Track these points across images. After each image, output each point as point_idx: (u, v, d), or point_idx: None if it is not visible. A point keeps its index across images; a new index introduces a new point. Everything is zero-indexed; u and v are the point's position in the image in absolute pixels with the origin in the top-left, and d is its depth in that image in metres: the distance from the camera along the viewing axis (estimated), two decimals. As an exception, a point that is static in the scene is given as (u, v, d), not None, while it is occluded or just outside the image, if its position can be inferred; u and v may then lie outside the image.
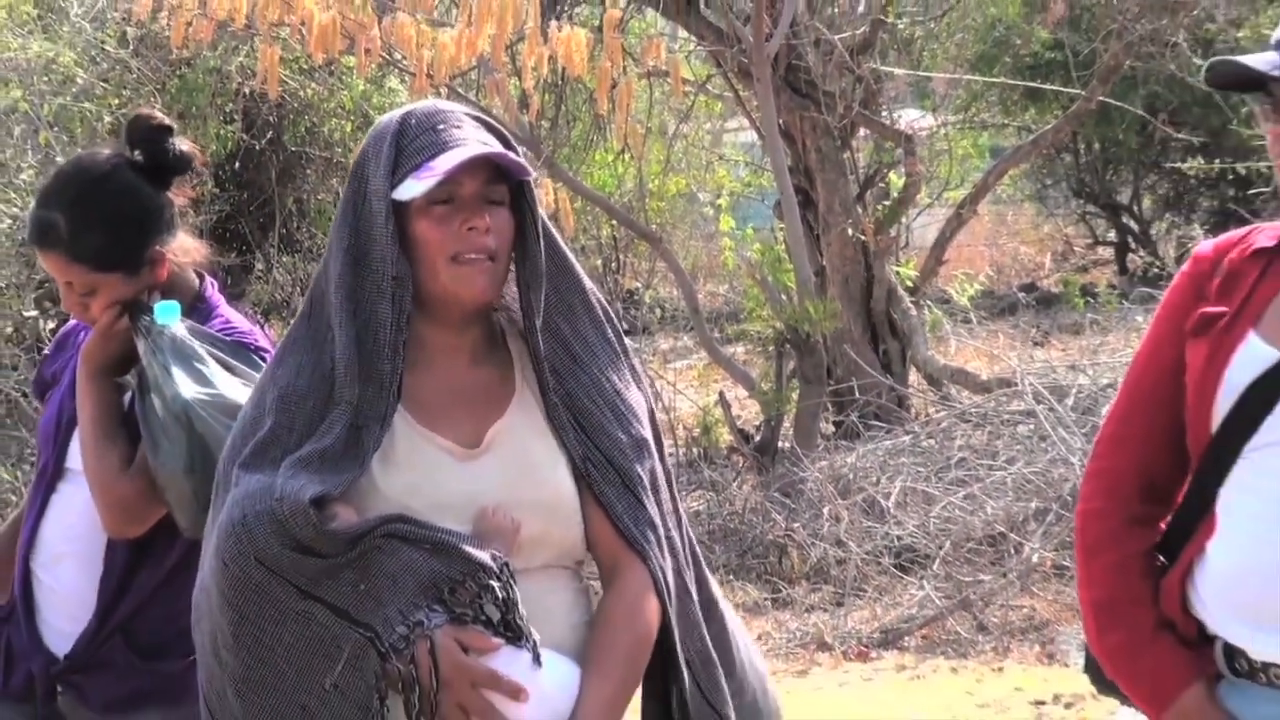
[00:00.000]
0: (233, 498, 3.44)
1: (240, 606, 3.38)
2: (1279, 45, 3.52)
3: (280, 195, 16.18)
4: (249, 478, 3.43)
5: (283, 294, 16.86)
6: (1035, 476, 11.42)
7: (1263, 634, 3.49)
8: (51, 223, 4.42)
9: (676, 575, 3.61)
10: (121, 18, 13.51)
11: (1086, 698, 8.83)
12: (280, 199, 16.17)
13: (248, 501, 3.39)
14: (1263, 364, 3.49)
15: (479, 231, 3.49)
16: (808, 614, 10.71)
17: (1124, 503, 3.73)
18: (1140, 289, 17.12)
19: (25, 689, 4.55)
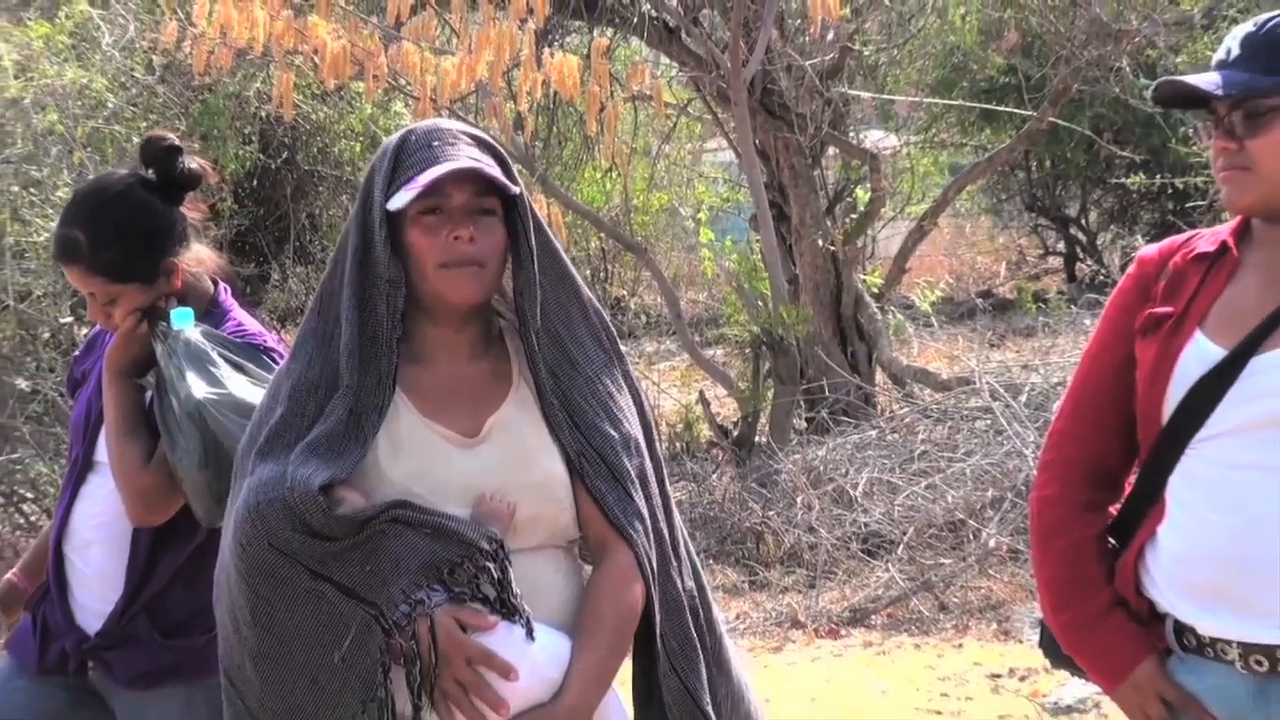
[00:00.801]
0: (248, 485, 3.46)
1: (255, 586, 3.39)
2: (1219, 66, 3.53)
3: (294, 211, 16.22)
4: (263, 465, 3.44)
5: (297, 301, 16.90)
6: (992, 468, 11.42)
7: (1210, 612, 3.50)
8: (73, 239, 4.46)
9: (661, 563, 3.60)
10: (149, 47, 13.52)
11: (1039, 671, 8.82)
12: (294, 214, 16.21)
13: (261, 489, 3.40)
14: (1209, 361, 3.50)
15: (463, 240, 3.49)
16: (782, 595, 10.70)
17: (1076, 490, 3.74)
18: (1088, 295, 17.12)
19: (59, 664, 4.57)
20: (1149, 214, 22.44)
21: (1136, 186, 19.78)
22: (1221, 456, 3.48)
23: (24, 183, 12.26)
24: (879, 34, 16.38)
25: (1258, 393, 3.45)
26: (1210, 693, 3.54)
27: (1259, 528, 3.42)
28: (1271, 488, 3.41)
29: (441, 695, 3.34)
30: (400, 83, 12.06)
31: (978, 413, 12.29)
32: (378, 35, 11.84)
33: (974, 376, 13.14)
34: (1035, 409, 11.80)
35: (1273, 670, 3.44)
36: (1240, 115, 3.46)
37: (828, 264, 14.13)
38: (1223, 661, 3.51)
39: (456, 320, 3.59)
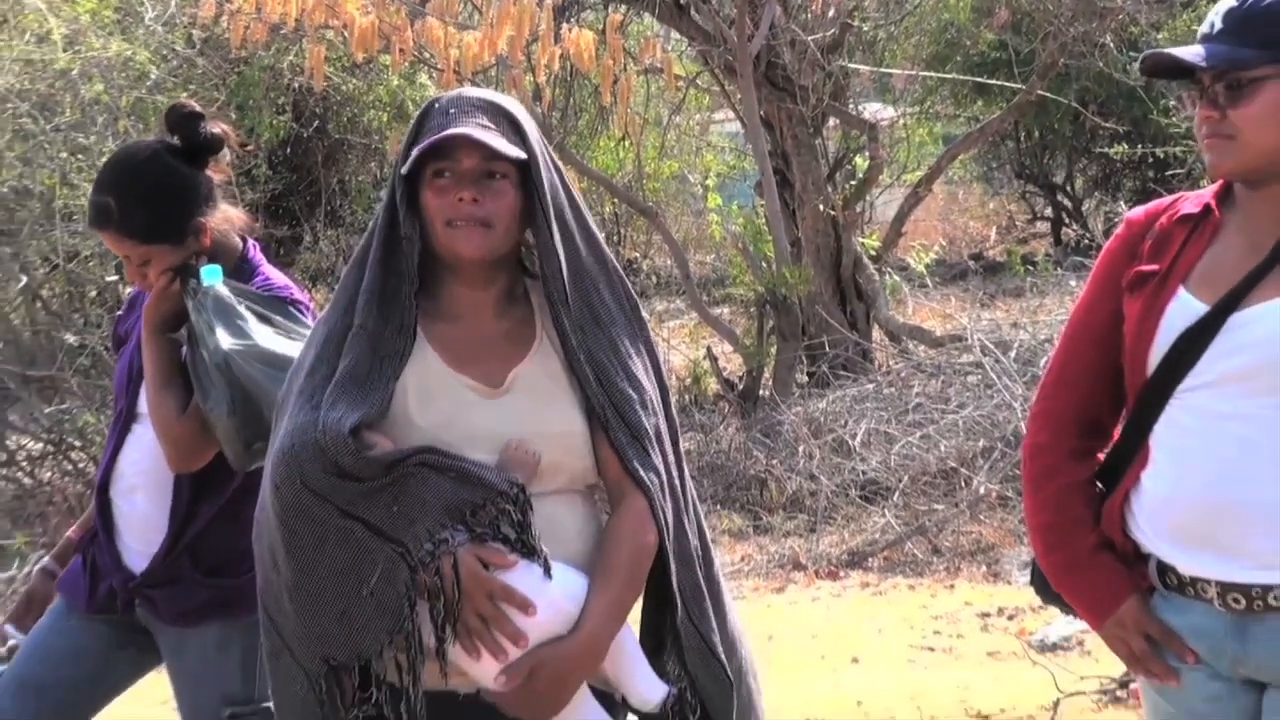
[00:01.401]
0: (284, 428, 3.47)
1: (290, 524, 3.39)
2: (1203, 40, 3.52)
3: (325, 177, 16.23)
4: (298, 409, 3.45)
5: (328, 262, 16.90)
6: (982, 419, 11.43)
7: (1190, 553, 3.51)
8: (105, 206, 4.47)
9: (675, 516, 3.60)
10: (189, 21, 13.51)
11: (1027, 611, 8.83)
12: (325, 180, 16.22)
13: (296, 433, 3.41)
14: (1192, 316, 3.50)
15: (466, 202, 3.48)
16: (785, 539, 10.71)
17: (1065, 437, 3.73)
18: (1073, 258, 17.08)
19: (108, 602, 4.58)
20: (1131, 182, 22.40)
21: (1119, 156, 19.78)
22: (1203, 406, 3.48)
23: (72, 149, 12.29)
24: (877, 11, 16.37)
25: (1237, 346, 3.45)
26: (1190, 629, 3.55)
27: (1236, 474, 3.42)
28: (1248, 436, 3.42)
29: (464, 628, 3.34)
30: (425, 56, 12.06)
31: (969, 368, 12.29)
32: (404, 11, 11.83)
33: (966, 334, 13.14)
34: (1023, 364, 11.80)
35: (1249, 608, 3.44)
36: (1223, 86, 3.46)
37: (828, 228, 14.12)
38: (1202, 600, 3.51)
39: (479, 278, 3.58)
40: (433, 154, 3.50)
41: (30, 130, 12.34)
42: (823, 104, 14.37)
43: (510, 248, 3.58)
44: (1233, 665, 3.53)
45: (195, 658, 4.52)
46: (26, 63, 12.63)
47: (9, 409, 12.70)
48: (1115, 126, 18.69)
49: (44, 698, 4.58)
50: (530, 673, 3.37)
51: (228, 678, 4.43)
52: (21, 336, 12.71)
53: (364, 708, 3.39)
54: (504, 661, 3.37)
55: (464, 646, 3.35)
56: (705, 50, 14.36)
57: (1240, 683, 3.54)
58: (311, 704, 3.41)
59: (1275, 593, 3.42)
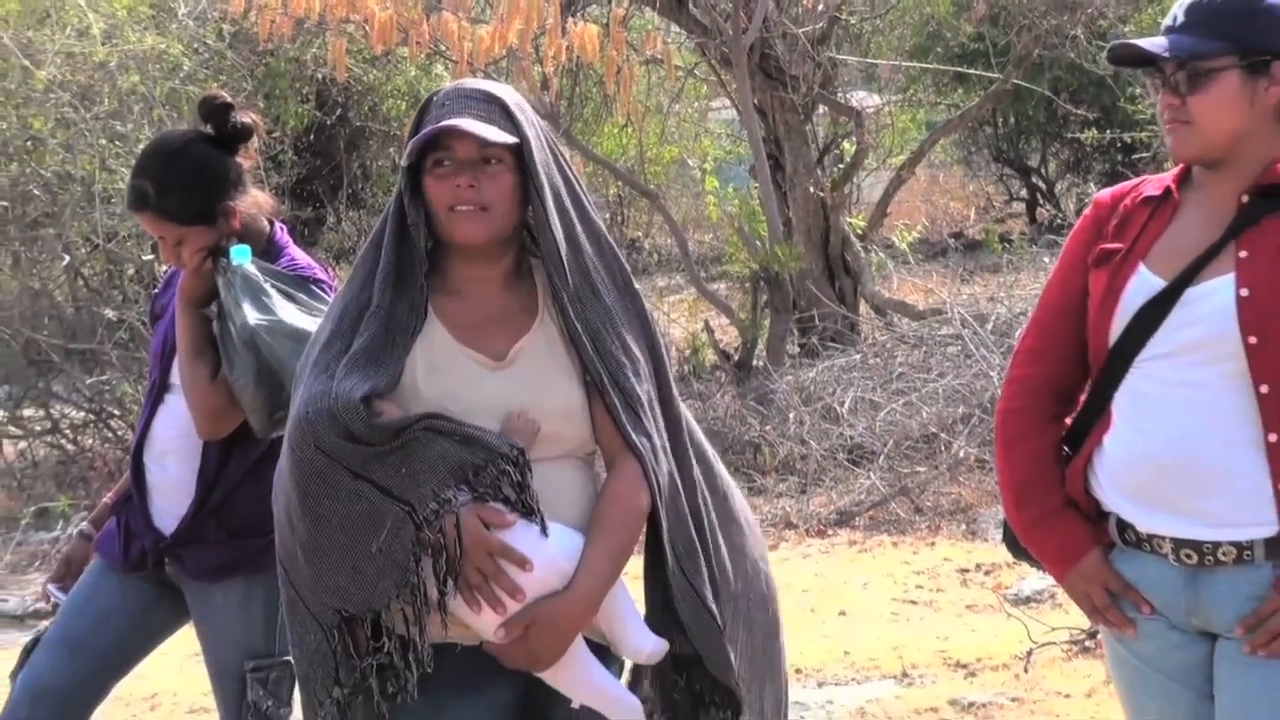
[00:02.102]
0: (301, 397, 3.47)
1: (305, 485, 3.41)
2: (1167, 31, 3.54)
3: (347, 162, 16.23)
4: (314, 379, 3.46)
5: (350, 243, 16.89)
6: (961, 387, 11.43)
7: (1147, 511, 3.53)
8: (143, 190, 4.47)
9: (670, 479, 3.59)
10: (219, 16, 13.53)
11: (1002, 567, 8.83)
12: (347, 165, 16.22)
13: (311, 401, 3.42)
14: (1151, 290, 3.52)
15: (463, 188, 3.48)
16: (777, 500, 10.72)
17: (1036, 403, 3.75)
18: (1046, 236, 17.10)
19: (140, 561, 4.60)
20: (1100, 165, 22.37)
21: (1090, 140, 19.80)
22: (1160, 375, 3.50)
23: (110, 136, 12.31)
24: (863, 5, 16.35)
25: (1190, 320, 3.47)
26: (1146, 581, 3.57)
27: (1190, 438, 3.45)
28: (1200, 403, 3.44)
29: (465, 583, 3.35)
30: (441, 48, 12.06)
31: (949, 339, 12.28)
32: (421, 6, 11.83)
33: (946, 307, 13.14)
34: (1000, 335, 11.78)
35: (1200, 563, 3.47)
36: (1184, 75, 3.48)
37: (818, 208, 14.11)
38: (1158, 555, 3.54)
39: (483, 258, 3.57)
40: (432, 145, 3.50)
41: (71, 118, 12.37)
42: (813, 92, 14.36)
43: (511, 228, 3.56)
44: (1186, 616, 3.55)
45: (220, 613, 4.54)
46: (68, 55, 12.65)
47: (53, 380, 12.74)
48: (1086, 113, 18.71)
49: (85, 652, 4.60)
50: (527, 626, 3.38)
51: (250, 632, 4.45)
52: (64, 312, 12.75)
53: (376, 657, 3.39)
54: (503, 615, 3.37)
55: (465, 600, 3.35)
56: (703, 42, 14.35)
57: (1193, 633, 3.57)
58: (326, 653, 3.42)
59: (1224, 548, 3.45)
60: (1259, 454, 3.41)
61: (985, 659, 7.47)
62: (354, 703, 3.43)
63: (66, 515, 11.04)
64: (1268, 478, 3.41)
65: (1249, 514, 3.42)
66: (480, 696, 3.49)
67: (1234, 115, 3.47)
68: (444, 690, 3.43)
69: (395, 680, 3.39)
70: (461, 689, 3.46)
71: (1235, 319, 3.41)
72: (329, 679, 3.43)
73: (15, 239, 12.73)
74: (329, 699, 3.44)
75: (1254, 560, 3.44)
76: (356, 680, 3.41)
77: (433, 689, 3.41)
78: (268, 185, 11.84)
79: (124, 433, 11.98)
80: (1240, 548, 3.44)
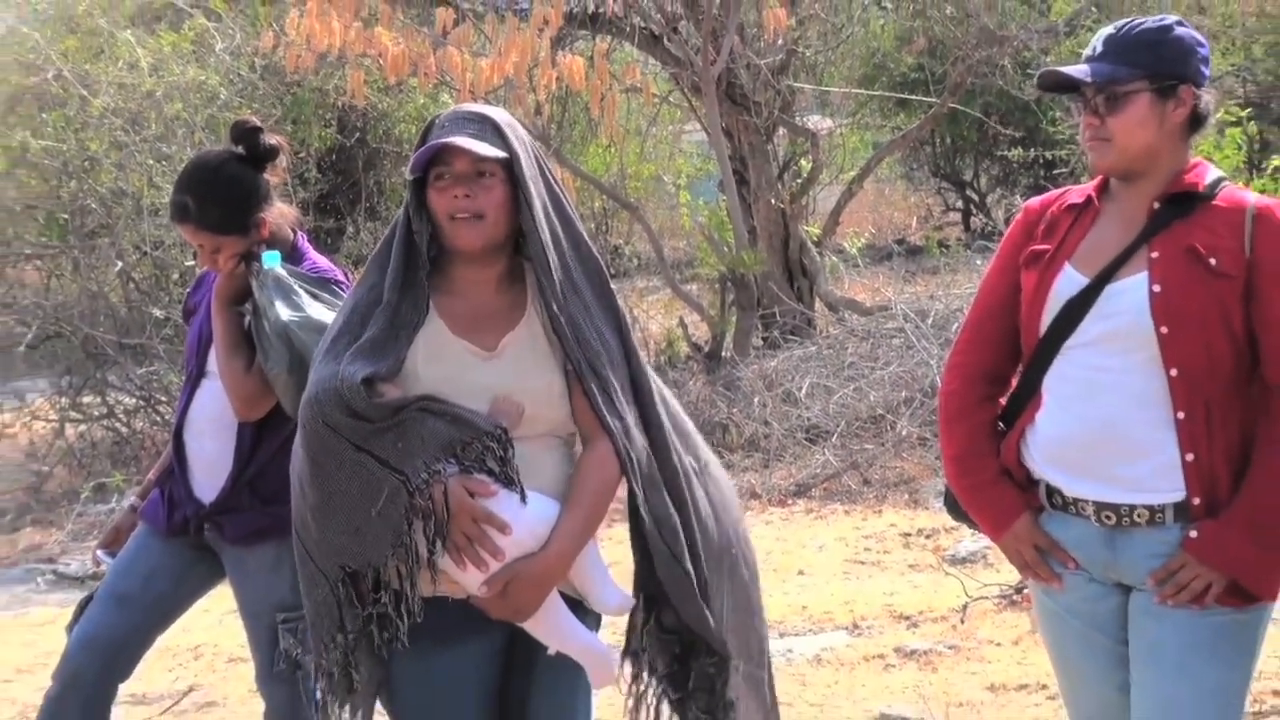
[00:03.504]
0: (311, 380, 3.52)
1: (313, 456, 3.45)
2: (1087, 60, 3.58)
3: (365, 179, 16.22)
4: (324, 365, 3.49)
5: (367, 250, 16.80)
6: (905, 374, 11.43)
7: (1072, 479, 3.56)
8: (184, 204, 4.50)
9: (645, 453, 3.60)
10: (252, 51, 13.52)
11: (941, 531, 8.85)
12: (365, 182, 16.21)
13: (320, 383, 3.46)
14: (1076, 286, 3.55)
15: (459, 198, 3.50)
16: (743, 474, 10.71)
17: (974, 386, 3.77)
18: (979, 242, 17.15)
19: (182, 527, 4.61)
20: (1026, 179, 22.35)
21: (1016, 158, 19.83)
22: (1083, 360, 3.52)
23: (157, 157, 12.34)
24: (818, 40, 16.30)
25: (1110, 312, 3.50)
26: (1071, 540, 3.60)
27: (1110, 416, 3.48)
28: (1119, 385, 3.47)
29: (452, 544, 3.39)
30: (446, 79, 12.02)
31: (894, 332, 12.28)
32: (429, 42, 11.81)
33: (891, 304, 13.15)
34: (938, 329, 11.79)
35: (1118, 524, 3.50)
36: (1103, 98, 3.51)
37: (779, 218, 14.10)
38: (1081, 517, 3.56)
39: (479, 261, 3.58)
40: (434, 161, 3.52)
41: (123, 141, 12.40)
42: (773, 116, 14.34)
43: (503, 234, 3.57)
44: (1105, 571, 3.59)
45: (253, 573, 4.54)
46: (120, 86, 12.69)
47: (108, 371, 12.74)
48: (1013, 134, 18.70)
49: (131, 606, 4.60)
50: (508, 582, 3.42)
51: (280, 589, 4.44)
52: (118, 311, 12.74)
53: (375, 607, 3.44)
54: (486, 572, 3.41)
55: (453, 559, 3.40)
56: (676, 73, 14.37)
57: (1111, 586, 3.60)
58: (331, 603, 3.48)
59: (1139, 511, 3.49)
60: (1170, 430, 3.45)
61: (926, 612, 7.47)
62: (359, 646, 3.47)
63: (121, 490, 11.02)
64: (1177, 450, 3.44)
65: (1161, 482, 3.46)
66: (469, 644, 3.54)
67: (1146, 133, 3.51)
68: (437, 638, 3.49)
69: (390, 628, 3.44)
70: (452, 637, 3.52)
71: (1149, 311, 3.45)
72: (334, 625, 3.49)
73: (75, 247, 12.75)
74: (334, 643, 3.49)
75: (1165, 522, 3.48)
76: (359, 627, 3.46)
77: (427, 637, 3.46)
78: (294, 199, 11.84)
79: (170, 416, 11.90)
80: (1153, 511, 3.48)
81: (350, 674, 3.50)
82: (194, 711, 6.93)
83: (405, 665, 3.50)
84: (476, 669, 3.56)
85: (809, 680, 6.69)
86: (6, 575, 9.84)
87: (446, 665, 3.52)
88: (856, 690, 6.53)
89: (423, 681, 3.52)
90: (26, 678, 7.37)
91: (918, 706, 6.12)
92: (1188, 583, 3.43)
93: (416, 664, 3.50)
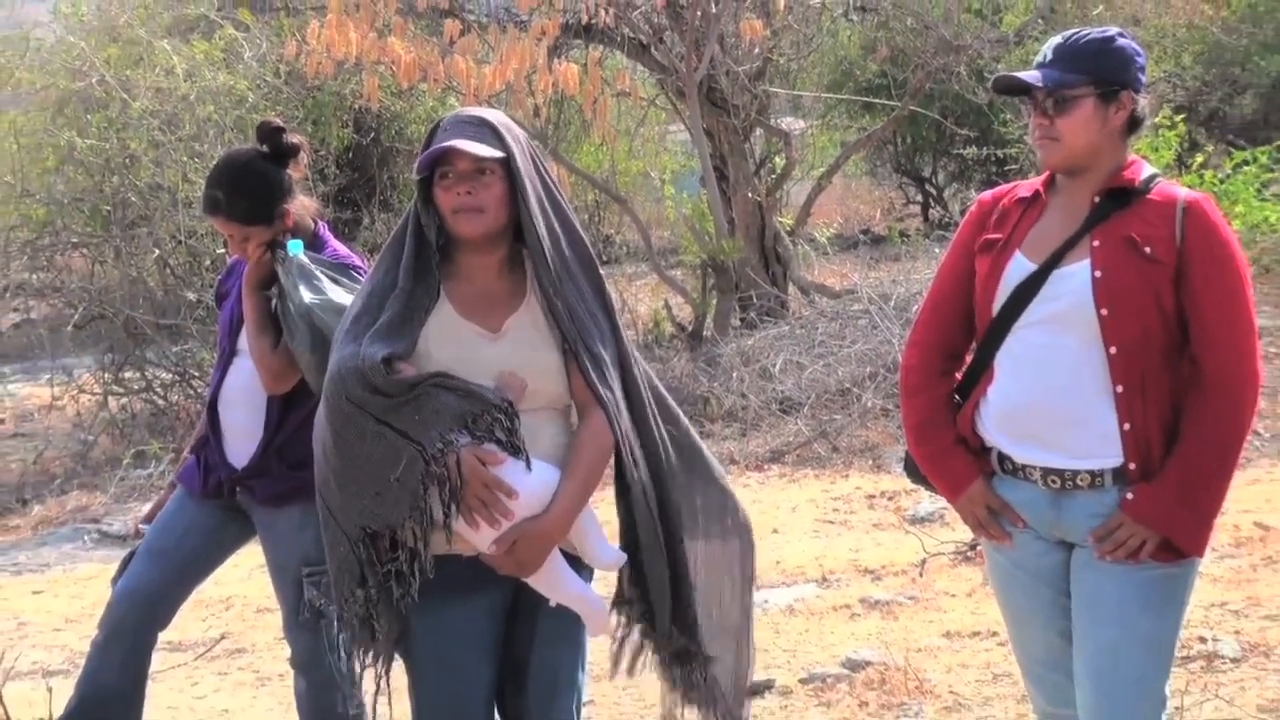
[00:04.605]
0: (335, 358, 3.53)
1: (336, 427, 3.47)
2: (1038, 66, 3.59)
3: (379, 174, 16.20)
4: (346, 345, 3.51)
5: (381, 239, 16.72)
6: (869, 351, 11.42)
7: (1020, 445, 3.58)
8: (216, 198, 4.50)
9: (632, 425, 3.63)
10: (277, 58, 13.48)
11: (902, 494, 8.85)
12: (379, 177, 16.19)
13: (343, 361, 3.47)
14: (1026, 272, 3.57)
15: (461, 194, 3.51)
16: (723, 442, 10.70)
17: (932, 361, 3.77)
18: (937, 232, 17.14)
19: (216, 489, 4.62)
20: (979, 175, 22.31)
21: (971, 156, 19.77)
22: (1031, 339, 3.54)
23: (190, 154, 12.32)
24: (790, 49, 16.26)
25: (1056, 295, 3.52)
26: (1019, 501, 3.62)
27: (1055, 389, 3.50)
28: (1064, 361, 3.49)
29: (465, 507, 3.41)
30: (453, 84, 11.98)
31: (860, 314, 12.27)
32: (437, 50, 11.80)
33: (857, 288, 13.15)
34: (900, 310, 11.78)
35: (1062, 487, 3.52)
36: (1052, 101, 3.53)
37: (755, 210, 14.08)
38: (1029, 481, 3.58)
39: (482, 250, 3.59)
40: (438, 161, 3.53)
41: (160, 140, 12.39)
42: (750, 118, 14.33)
43: (502, 225, 3.57)
44: (1050, 529, 3.61)
45: (281, 531, 4.54)
46: (157, 90, 12.68)
47: (147, 349, 12.74)
48: (967, 134, 18.66)
49: (169, 561, 4.62)
50: (514, 541, 3.45)
51: (305, 546, 4.44)
52: (155, 295, 12.74)
53: (392, 564, 3.46)
54: (495, 532, 3.44)
55: (465, 520, 3.42)
56: (662, 78, 14.34)
57: (1055, 543, 3.62)
58: (352, 560, 3.50)
59: (1081, 476, 3.51)
60: (1109, 402, 3.46)
61: (888, 566, 7.49)
62: (380, 600, 3.49)
63: (158, 456, 11.02)
64: (1115, 420, 3.46)
65: (1102, 449, 3.48)
66: (479, 596, 3.56)
67: (1090, 133, 3.52)
68: (449, 593, 3.51)
69: (405, 584, 3.46)
70: (464, 590, 3.54)
71: (1091, 295, 3.47)
72: (354, 581, 3.51)
73: (116, 237, 12.74)
74: (354, 597, 3.51)
75: (1104, 486, 3.50)
76: (379, 583, 3.48)
77: (442, 590, 3.48)
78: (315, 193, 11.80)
79: (203, 390, 11.91)
80: (1094, 475, 3.50)
81: (372, 625, 3.52)
82: (225, 657, 6.94)
83: (421, 618, 3.52)
84: (485, 620, 3.58)
85: (782, 628, 6.71)
86: (56, 534, 9.85)
87: (458, 617, 3.54)
88: (826, 637, 6.54)
89: (437, 632, 3.54)
90: (75, 626, 7.38)
91: (880, 651, 6.13)
92: (1125, 540, 3.45)
93: (431, 616, 3.52)
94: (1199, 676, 5.55)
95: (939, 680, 5.84)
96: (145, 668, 4.65)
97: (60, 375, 13.05)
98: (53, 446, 12.39)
